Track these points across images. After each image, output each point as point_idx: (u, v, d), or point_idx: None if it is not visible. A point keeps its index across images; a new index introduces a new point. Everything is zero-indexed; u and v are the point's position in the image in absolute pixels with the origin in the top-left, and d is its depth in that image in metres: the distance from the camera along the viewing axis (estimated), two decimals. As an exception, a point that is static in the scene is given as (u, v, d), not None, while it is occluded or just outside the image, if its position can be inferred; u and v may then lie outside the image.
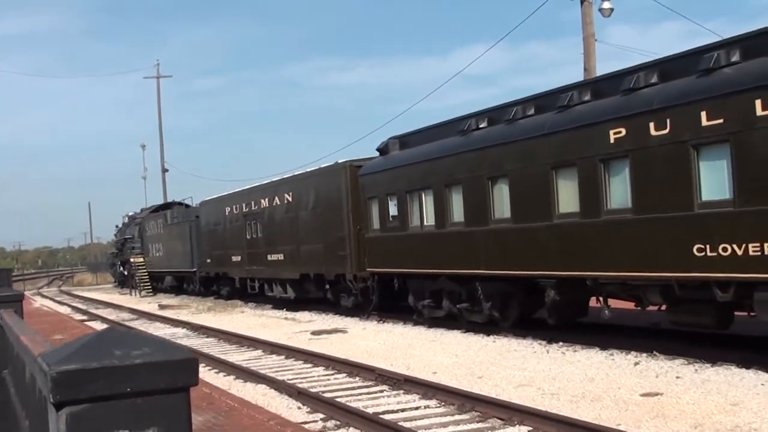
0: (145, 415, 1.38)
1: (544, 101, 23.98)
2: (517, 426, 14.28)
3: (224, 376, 21.99)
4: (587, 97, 22.07)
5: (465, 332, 26.72)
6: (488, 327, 26.08)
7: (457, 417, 15.50)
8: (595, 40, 35.35)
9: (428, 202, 28.72)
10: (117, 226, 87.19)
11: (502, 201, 25.01)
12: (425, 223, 28.99)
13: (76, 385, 1.34)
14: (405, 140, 31.63)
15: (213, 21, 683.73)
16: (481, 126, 26.34)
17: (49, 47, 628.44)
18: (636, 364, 19.20)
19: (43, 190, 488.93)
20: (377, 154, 33.29)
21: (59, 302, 66.27)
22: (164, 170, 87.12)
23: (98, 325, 39.36)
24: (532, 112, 24.18)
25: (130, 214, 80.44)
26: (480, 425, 14.80)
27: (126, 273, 75.98)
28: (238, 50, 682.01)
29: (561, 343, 22.66)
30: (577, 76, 36.53)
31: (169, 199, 77.98)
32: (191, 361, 1.41)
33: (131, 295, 68.89)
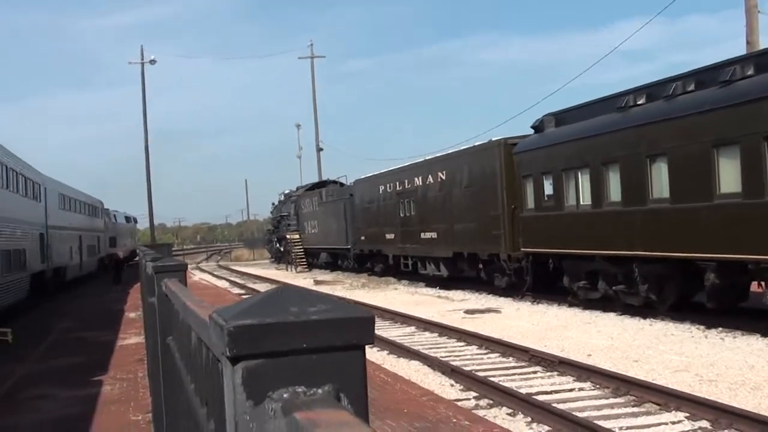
0: (321, 371, 1.38)
1: (704, 76, 23.36)
2: (674, 412, 14.00)
3: (378, 351, 22.13)
4: (750, 72, 21.38)
5: (621, 315, 26.33)
6: (645, 310, 25.62)
7: (612, 400, 15.30)
8: (759, 11, 34.26)
9: (584, 180, 28.34)
10: (273, 204, 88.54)
11: (660, 180, 24.50)
12: (581, 203, 28.63)
13: (252, 339, 1.37)
14: (561, 117, 31.25)
15: (364, 1, 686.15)
16: (639, 102, 25.81)
17: (202, 31, 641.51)
18: (799, 350, 18.66)
19: (202, 168, 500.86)
20: (531, 132, 33.00)
21: (217, 276, 67.82)
22: (319, 149, 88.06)
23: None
24: (692, 87, 23.56)
25: (286, 191, 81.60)
26: (635, 409, 14.56)
27: (282, 249, 77.22)
28: (389, 29, 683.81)
29: (720, 329, 22.10)
30: (738, 51, 35.32)
31: (324, 178, 78.75)
32: (368, 319, 1.40)
33: (287, 270, 70.05)
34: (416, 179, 43.36)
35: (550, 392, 16.21)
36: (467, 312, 30.05)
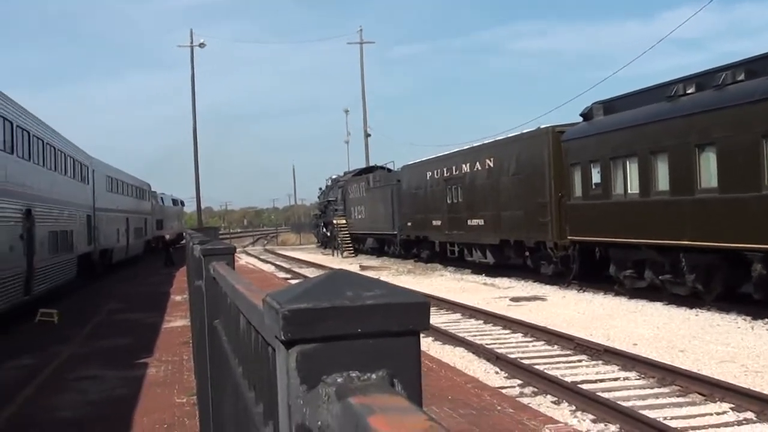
0: (375, 357, 1.38)
1: (756, 66, 23.13)
2: (719, 403, 13.90)
3: (423, 337, 21.99)
4: (805, 62, 21.15)
5: (667, 304, 26.17)
6: (691, 300, 25.45)
7: (657, 390, 15.22)
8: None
9: (632, 169, 28.19)
10: (320, 189, 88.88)
11: (708, 170, 24.30)
12: (629, 191, 28.48)
13: (307, 323, 1.37)
14: (609, 105, 31.07)
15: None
16: (688, 92, 25.60)
17: (256, 15, 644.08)
18: None
19: (249, 152, 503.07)
20: (580, 119, 32.85)
21: (263, 260, 68.05)
22: (367, 135, 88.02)
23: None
24: (742, 77, 23.33)
25: (334, 177, 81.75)
26: (680, 399, 14.48)
27: (329, 234, 77.41)
28: (438, 16, 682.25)
29: (766, 320, 21.93)
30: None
31: (371, 163, 78.81)
32: (424, 304, 1.40)
33: (333, 255, 70.23)
34: (464, 166, 43.27)
35: (595, 381, 16.16)
36: (513, 299, 30.01)
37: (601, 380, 16.25)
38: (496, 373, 17.37)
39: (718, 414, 13.39)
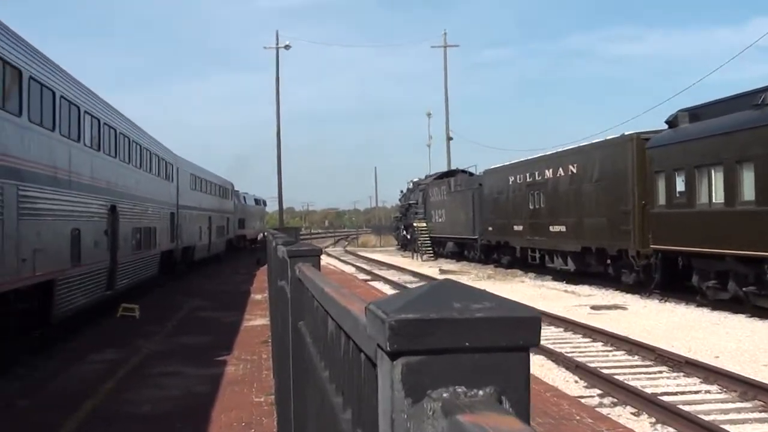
0: (483, 372, 1.34)
1: None
2: (803, 419, 13.67)
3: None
4: None
5: (750, 317, 25.79)
6: (776, 312, 25.08)
7: (739, 405, 15.00)
8: None
9: (717, 178, 27.81)
10: (401, 191, 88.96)
11: (797, 181, 23.92)
12: (713, 200, 28.10)
13: (414, 335, 1.34)
14: (695, 113, 30.70)
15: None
16: (777, 100, 25.24)
17: (343, 17, 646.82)
18: None
19: (332, 153, 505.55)
20: (665, 126, 32.52)
21: (344, 261, 68.30)
22: (449, 138, 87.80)
23: (381, 286, 40.40)
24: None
25: (415, 180, 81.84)
26: (762, 415, 14.26)
27: (409, 237, 77.50)
28: (525, 20, 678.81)
29: None
30: None
31: (453, 167, 78.69)
32: (535, 319, 1.36)
33: (413, 258, 70.25)
34: (547, 171, 43.07)
35: (676, 393, 15.97)
36: (593, 308, 29.77)
37: (682, 392, 16.05)
38: (576, 382, 17.25)
39: (802, 431, 13.17)
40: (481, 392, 1.32)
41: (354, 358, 2.17)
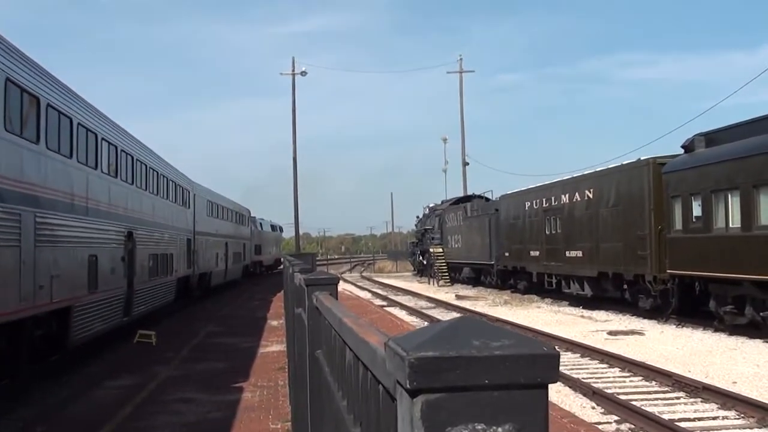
0: (502, 409, 1.35)
1: None
2: (824, 445, 13.59)
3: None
4: None
5: (767, 342, 25.69)
6: (794, 337, 24.97)
7: (757, 431, 14.92)
8: None
9: (734, 203, 27.73)
10: (418, 217, 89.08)
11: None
12: (730, 225, 28.02)
13: (433, 372, 1.35)
14: (711, 137, 30.66)
15: (515, 16, 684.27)
16: (793, 125, 25.22)
17: (357, 44, 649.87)
18: None
19: (348, 179, 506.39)
20: (681, 151, 32.47)
21: (360, 287, 68.23)
22: (465, 164, 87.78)
23: (397, 311, 40.36)
24: None
25: (431, 205, 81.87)
26: (782, 441, 14.19)
27: (425, 262, 77.47)
28: (540, 45, 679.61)
29: None
30: None
31: (469, 192, 78.72)
32: (554, 356, 1.37)
33: (429, 284, 70.19)
34: (563, 196, 43.04)
35: (694, 419, 15.88)
36: (610, 333, 29.68)
37: (700, 418, 15.96)
38: (593, 408, 17.18)
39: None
40: (500, 429, 1.33)
41: (372, 389, 2.18)
